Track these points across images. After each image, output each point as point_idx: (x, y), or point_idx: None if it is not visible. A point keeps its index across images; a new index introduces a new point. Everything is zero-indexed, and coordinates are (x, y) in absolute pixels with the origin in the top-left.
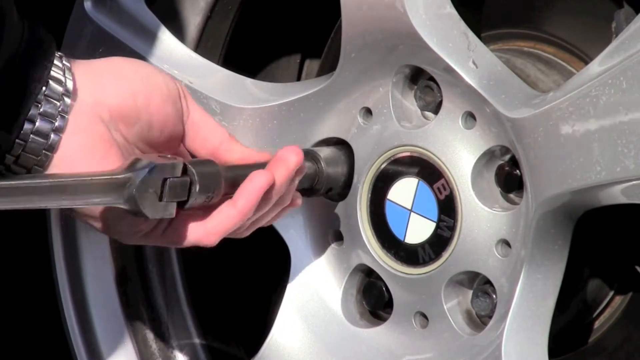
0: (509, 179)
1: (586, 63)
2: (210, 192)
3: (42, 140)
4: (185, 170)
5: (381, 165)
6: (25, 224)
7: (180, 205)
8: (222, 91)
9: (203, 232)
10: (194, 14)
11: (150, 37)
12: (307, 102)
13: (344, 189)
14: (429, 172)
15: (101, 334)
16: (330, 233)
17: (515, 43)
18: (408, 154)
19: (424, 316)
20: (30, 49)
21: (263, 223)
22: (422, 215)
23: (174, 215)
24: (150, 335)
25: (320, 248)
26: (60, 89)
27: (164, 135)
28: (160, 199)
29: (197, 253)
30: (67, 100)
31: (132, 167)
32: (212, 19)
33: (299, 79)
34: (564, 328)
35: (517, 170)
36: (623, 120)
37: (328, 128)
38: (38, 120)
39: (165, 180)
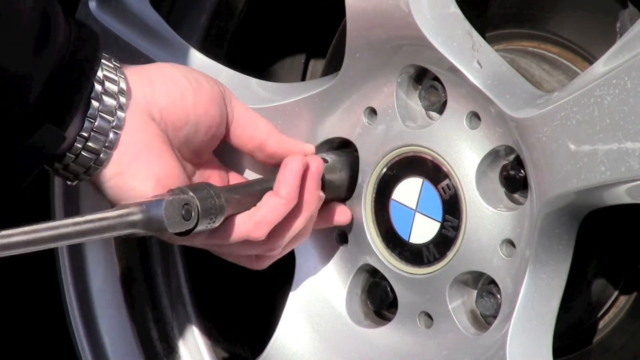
0: (514, 179)
1: (591, 63)
2: (212, 215)
3: (102, 137)
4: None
5: (386, 165)
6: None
7: (185, 233)
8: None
9: (252, 225)
10: (199, 13)
11: (155, 37)
12: (312, 102)
13: (348, 192)
14: (433, 172)
15: (106, 334)
16: (334, 233)
17: (519, 43)
18: (412, 154)
19: (429, 316)
20: (79, 45)
21: (297, 238)
22: (426, 215)
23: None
24: (155, 336)
25: (324, 248)
26: (115, 87)
27: (207, 137)
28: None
29: (202, 253)
30: (122, 98)
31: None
32: (217, 19)
33: (303, 79)
34: (568, 328)
35: (522, 170)
36: (628, 120)
37: (333, 128)
38: (97, 118)
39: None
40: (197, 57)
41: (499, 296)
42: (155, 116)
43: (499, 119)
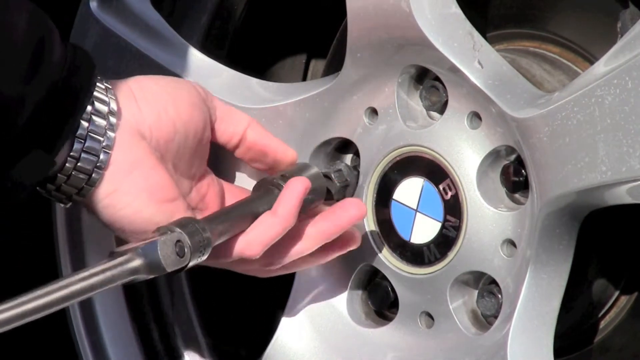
0: (515, 179)
1: (591, 63)
2: (201, 249)
3: (93, 158)
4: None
5: (387, 165)
6: (29, 222)
7: (179, 271)
8: (227, 91)
9: (245, 244)
10: (200, 13)
11: (156, 37)
12: (313, 102)
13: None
14: (434, 172)
15: (107, 334)
16: None
17: (520, 43)
18: (413, 154)
19: (430, 316)
20: (73, 71)
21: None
22: (427, 215)
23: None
24: (155, 336)
25: None
26: (105, 108)
27: (197, 142)
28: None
29: None
30: (112, 119)
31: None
32: (217, 19)
33: (304, 79)
34: (569, 328)
35: (523, 170)
36: (629, 120)
37: (333, 128)
38: (87, 138)
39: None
40: (197, 57)
41: (499, 296)
42: (145, 134)
43: (500, 119)
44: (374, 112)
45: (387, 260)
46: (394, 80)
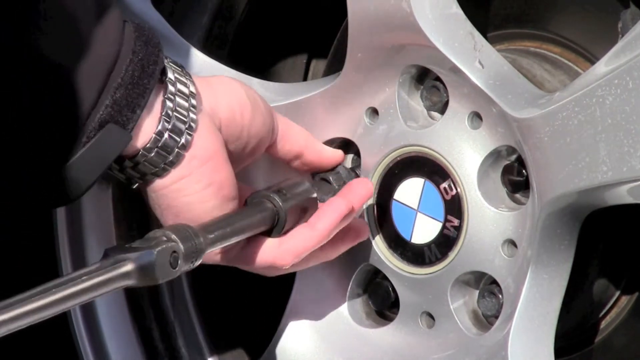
0: (515, 179)
1: (592, 63)
2: (193, 258)
3: (176, 137)
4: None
5: (387, 165)
6: (29, 222)
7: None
8: None
9: (278, 252)
10: (201, 13)
11: None
12: (314, 102)
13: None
14: (435, 172)
15: (107, 333)
16: None
17: (521, 43)
18: (414, 154)
19: (430, 316)
20: (147, 53)
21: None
22: (428, 215)
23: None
24: (156, 335)
25: None
26: (186, 90)
27: (249, 154)
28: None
29: None
30: (193, 100)
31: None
32: (218, 19)
33: (305, 79)
34: (570, 328)
35: (524, 170)
36: (630, 120)
37: (334, 128)
38: (173, 118)
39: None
40: (198, 57)
41: (500, 296)
42: (217, 124)
43: (501, 119)
44: (374, 112)
45: (388, 260)
46: (394, 80)
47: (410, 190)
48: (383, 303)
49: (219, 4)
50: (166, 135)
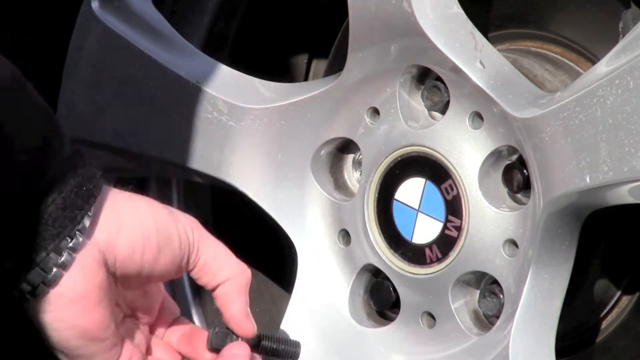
0: (516, 179)
1: (593, 63)
2: None
3: (42, 272)
4: None
5: (388, 165)
6: None
7: None
8: (229, 91)
9: None
10: (202, 13)
11: (158, 37)
12: (315, 102)
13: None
14: (436, 172)
15: None
16: (337, 233)
17: (522, 43)
18: (415, 154)
19: (431, 316)
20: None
21: None
22: (429, 215)
23: None
24: None
25: (327, 248)
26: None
27: (155, 280)
28: None
29: None
30: (80, 238)
31: None
32: (219, 19)
33: (306, 79)
34: (571, 328)
35: (525, 170)
36: (630, 120)
37: (335, 128)
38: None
39: None
40: (199, 57)
41: (501, 296)
42: (109, 261)
43: (502, 119)
44: (375, 112)
45: (389, 260)
46: (395, 80)
47: (411, 190)
48: (384, 303)
49: (220, 3)
50: (35, 268)
